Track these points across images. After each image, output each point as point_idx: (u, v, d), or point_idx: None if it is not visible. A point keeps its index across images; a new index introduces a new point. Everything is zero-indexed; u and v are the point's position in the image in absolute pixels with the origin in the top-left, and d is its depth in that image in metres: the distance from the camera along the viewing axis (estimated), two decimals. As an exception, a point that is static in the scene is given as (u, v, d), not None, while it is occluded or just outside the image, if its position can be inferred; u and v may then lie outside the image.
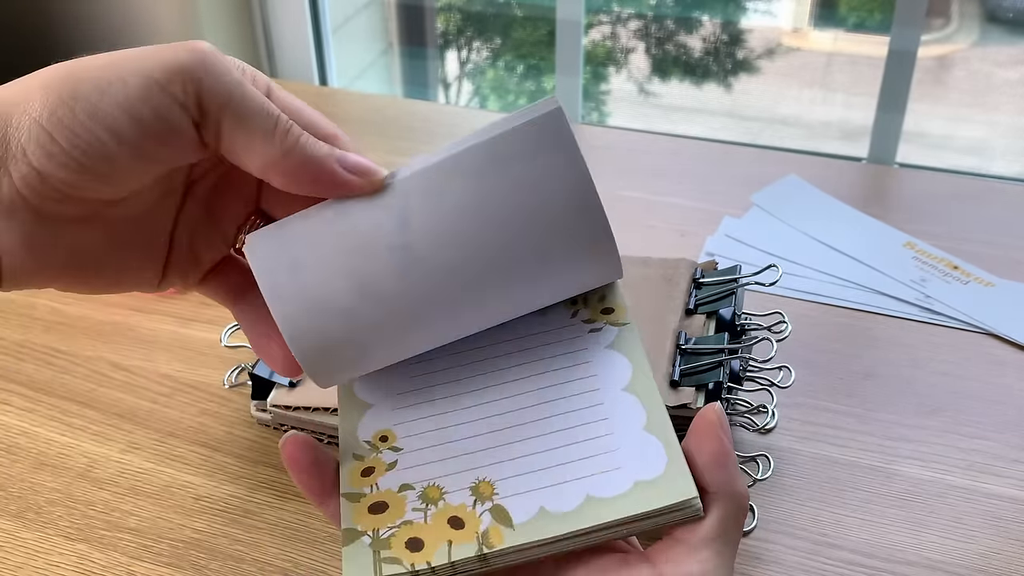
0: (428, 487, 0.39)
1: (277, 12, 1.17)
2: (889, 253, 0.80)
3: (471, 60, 1.57)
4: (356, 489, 0.40)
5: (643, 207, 0.87)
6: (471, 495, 0.39)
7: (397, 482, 0.40)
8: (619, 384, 0.41)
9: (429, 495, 0.39)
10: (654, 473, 0.38)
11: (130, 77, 0.36)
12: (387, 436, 0.42)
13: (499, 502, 0.38)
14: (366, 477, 0.40)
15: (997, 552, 0.57)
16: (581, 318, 0.44)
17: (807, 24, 1.44)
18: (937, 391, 0.67)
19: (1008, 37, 1.34)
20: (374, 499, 0.39)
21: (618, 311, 0.44)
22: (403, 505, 0.39)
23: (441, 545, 0.37)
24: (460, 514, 0.38)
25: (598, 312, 0.44)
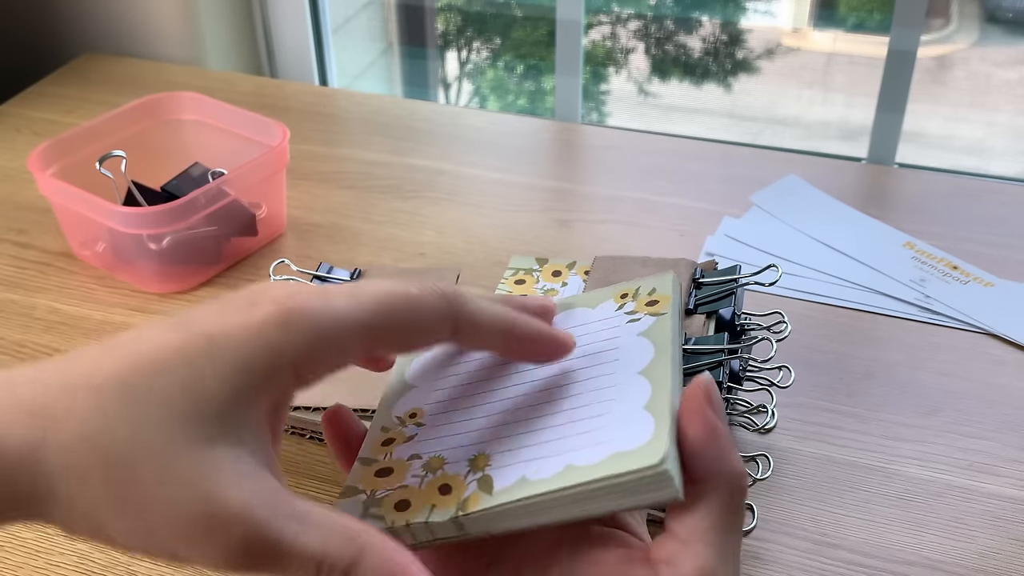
0: (433, 457, 0.40)
1: (277, 12, 1.17)
2: (889, 253, 0.80)
3: (471, 60, 1.57)
4: (372, 456, 0.41)
5: (643, 207, 0.87)
6: (467, 466, 0.40)
7: (409, 452, 0.41)
8: (636, 367, 0.41)
9: (432, 464, 0.40)
10: (635, 445, 0.37)
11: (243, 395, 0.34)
12: (416, 413, 0.43)
13: (488, 472, 0.39)
14: (385, 447, 0.42)
15: (996, 552, 0.57)
16: (626, 310, 0.45)
17: (807, 24, 1.44)
18: (937, 391, 0.67)
19: (1008, 37, 1.34)
20: (384, 464, 0.41)
21: (661, 303, 0.45)
22: (405, 471, 0.40)
23: (424, 507, 0.38)
24: (452, 483, 0.39)
25: (643, 304, 0.45)
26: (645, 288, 0.46)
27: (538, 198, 0.88)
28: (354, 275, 0.67)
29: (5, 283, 0.80)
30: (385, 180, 0.91)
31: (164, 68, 1.11)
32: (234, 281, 0.79)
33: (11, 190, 0.91)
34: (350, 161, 0.94)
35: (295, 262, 0.71)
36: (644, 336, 0.43)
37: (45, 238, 0.85)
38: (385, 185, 0.90)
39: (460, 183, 0.91)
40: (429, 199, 0.88)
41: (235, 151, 0.84)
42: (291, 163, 0.83)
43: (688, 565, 0.35)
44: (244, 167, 0.78)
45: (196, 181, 0.78)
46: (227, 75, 1.11)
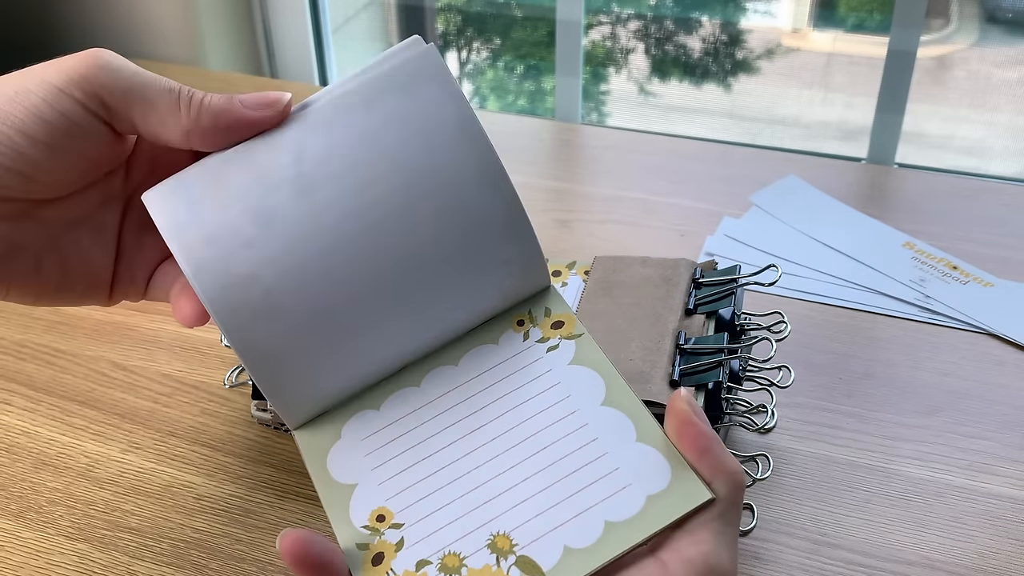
0: (445, 556, 0.38)
1: (277, 12, 1.17)
2: (888, 253, 0.80)
3: (471, 60, 1.57)
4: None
5: (643, 207, 0.87)
6: (491, 552, 0.38)
7: (412, 560, 0.38)
8: (596, 400, 0.41)
9: (449, 564, 0.38)
10: (662, 484, 0.38)
11: (33, 86, 0.41)
12: (383, 515, 0.40)
13: (522, 553, 0.37)
14: (378, 566, 0.38)
15: (996, 551, 0.57)
16: (534, 339, 0.43)
17: (807, 25, 1.44)
18: (936, 391, 0.67)
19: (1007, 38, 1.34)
20: None
21: (568, 323, 0.43)
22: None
23: None
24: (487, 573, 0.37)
25: (548, 328, 0.44)
26: (538, 310, 0.44)
27: (538, 198, 0.88)
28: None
29: (5, 283, 0.80)
30: (385, 180, 0.91)
31: (164, 68, 1.11)
32: (234, 281, 0.79)
33: (11, 190, 0.91)
34: (350, 161, 0.94)
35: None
36: (579, 364, 0.42)
37: (45, 238, 0.85)
38: (385, 185, 0.90)
39: (460, 183, 0.90)
40: (429, 199, 0.88)
41: (235, 151, 0.84)
42: (291, 163, 0.83)
43: (694, 551, 0.37)
44: (244, 167, 0.78)
45: (196, 181, 0.78)
46: (227, 75, 1.11)
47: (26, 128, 0.41)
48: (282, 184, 0.40)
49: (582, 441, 0.40)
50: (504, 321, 0.44)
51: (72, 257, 0.46)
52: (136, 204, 0.47)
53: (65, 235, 0.45)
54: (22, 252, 0.44)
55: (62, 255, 0.45)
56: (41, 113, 0.41)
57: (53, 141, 0.41)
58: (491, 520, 0.39)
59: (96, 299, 0.47)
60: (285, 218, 0.40)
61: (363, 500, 0.40)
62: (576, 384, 0.42)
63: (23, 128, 0.41)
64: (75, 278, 0.46)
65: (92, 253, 0.46)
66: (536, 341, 0.43)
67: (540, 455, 0.40)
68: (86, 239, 0.46)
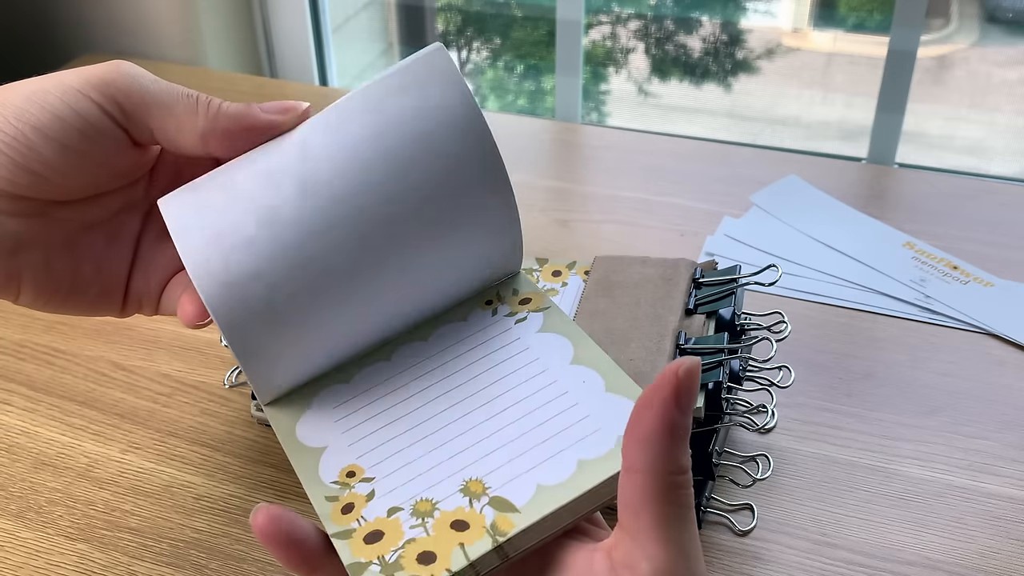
0: (417, 502, 0.38)
1: (277, 12, 1.17)
2: (889, 253, 0.80)
3: (471, 60, 1.57)
4: (344, 527, 0.38)
5: (642, 207, 0.87)
6: (464, 496, 0.38)
7: (383, 507, 0.38)
8: (565, 360, 0.42)
9: (421, 509, 0.38)
10: None
11: (51, 86, 0.41)
12: (354, 472, 0.40)
13: (495, 494, 0.38)
14: (347, 514, 0.39)
15: (996, 552, 0.57)
16: (503, 313, 0.44)
17: (807, 24, 1.44)
18: (937, 391, 0.67)
19: (1008, 37, 1.34)
20: (366, 530, 0.38)
21: (535, 299, 0.44)
22: (399, 527, 0.38)
23: (454, 549, 0.36)
24: (460, 516, 0.37)
25: (516, 304, 0.44)
26: (506, 290, 0.45)
27: (538, 198, 0.88)
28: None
29: (5, 283, 0.80)
30: (385, 180, 0.91)
31: (164, 68, 1.11)
32: (234, 281, 0.79)
33: (11, 190, 0.91)
34: (350, 161, 0.94)
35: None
36: (547, 332, 0.43)
37: (45, 238, 0.85)
38: (385, 185, 0.90)
39: (460, 183, 0.90)
40: (429, 199, 0.88)
41: (235, 151, 0.84)
42: (291, 163, 0.83)
43: (645, 567, 0.34)
44: (244, 167, 0.78)
45: (196, 181, 0.78)
46: (227, 75, 1.11)
47: (41, 125, 0.41)
48: (285, 182, 0.40)
49: (552, 395, 0.41)
50: (472, 301, 0.45)
51: (86, 260, 0.45)
52: (156, 214, 0.47)
53: (81, 237, 0.45)
54: (34, 249, 0.44)
55: (76, 256, 0.45)
56: (56, 111, 0.41)
57: (68, 141, 0.41)
58: (463, 468, 0.39)
59: (109, 307, 0.47)
60: (287, 216, 0.40)
61: (333, 460, 0.41)
62: (544, 348, 0.43)
63: (38, 125, 0.41)
64: (88, 282, 0.46)
65: (107, 258, 0.46)
66: (504, 315, 0.44)
67: (511, 409, 0.41)
68: (102, 243, 0.46)
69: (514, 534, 0.36)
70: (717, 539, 0.58)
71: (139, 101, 0.42)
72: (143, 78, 0.42)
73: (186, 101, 0.42)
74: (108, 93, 0.42)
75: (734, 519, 0.58)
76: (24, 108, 0.41)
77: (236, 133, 0.42)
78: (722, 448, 0.61)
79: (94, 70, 0.42)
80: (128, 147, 0.43)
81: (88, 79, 0.41)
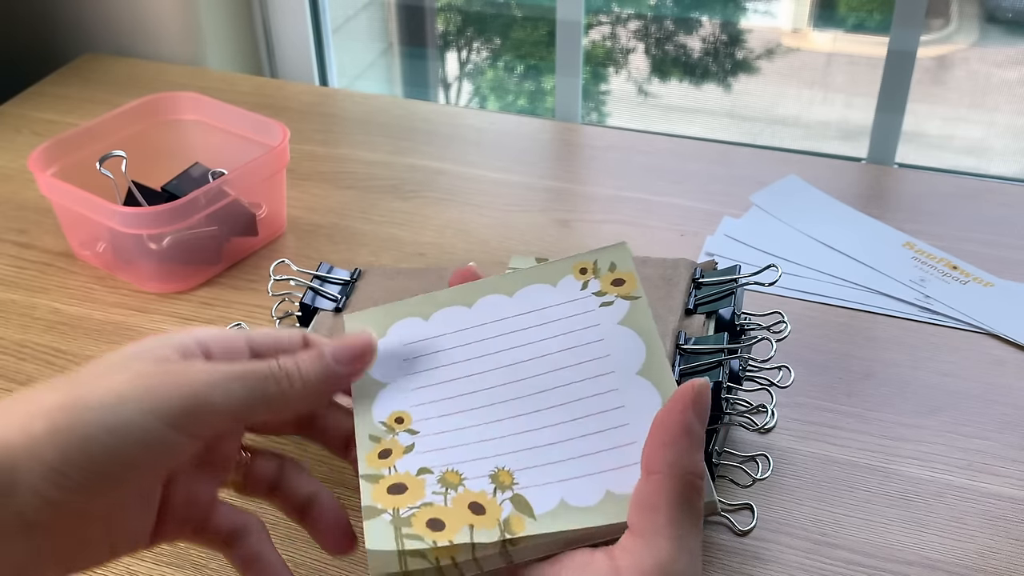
0: (447, 472, 0.39)
1: (277, 12, 1.17)
2: (888, 253, 0.80)
3: (471, 60, 1.57)
4: (375, 471, 0.40)
5: (643, 207, 0.87)
6: (491, 483, 0.39)
7: (415, 465, 0.40)
8: (633, 367, 0.41)
9: (448, 480, 0.39)
10: None
11: (136, 417, 0.37)
12: (403, 418, 0.41)
13: (519, 492, 0.38)
14: (384, 459, 0.40)
15: (996, 551, 0.57)
16: (592, 290, 0.44)
17: (806, 25, 1.44)
18: (936, 391, 0.67)
19: (1007, 37, 1.34)
20: (393, 480, 0.39)
21: (629, 282, 0.44)
22: (422, 487, 0.39)
23: (463, 527, 0.37)
24: (481, 500, 0.38)
25: (608, 284, 0.44)
26: (604, 262, 0.44)
27: (538, 198, 0.88)
28: (354, 275, 0.67)
29: (5, 283, 0.80)
30: (385, 180, 0.91)
31: (164, 68, 1.11)
32: (234, 281, 0.79)
33: (11, 190, 0.91)
34: (350, 161, 0.94)
35: (295, 262, 0.71)
36: (626, 326, 0.42)
37: (45, 238, 0.85)
38: (385, 185, 0.90)
39: (460, 183, 0.91)
40: (429, 199, 0.88)
41: (235, 151, 0.84)
42: (291, 163, 0.83)
43: (649, 560, 0.35)
44: (244, 167, 0.78)
45: (196, 181, 0.79)
46: (227, 75, 1.11)
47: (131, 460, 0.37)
48: None
49: (608, 405, 0.40)
50: (567, 263, 0.45)
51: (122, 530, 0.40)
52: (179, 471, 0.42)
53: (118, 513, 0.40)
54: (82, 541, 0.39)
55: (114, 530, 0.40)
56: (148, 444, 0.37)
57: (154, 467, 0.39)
58: (500, 455, 0.39)
59: (136, 549, 0.42)
60: None
61: (389, 399, 0.42)
62: (619, 346, 0.42)
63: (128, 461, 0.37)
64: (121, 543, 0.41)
65: (141, 518, 0.41)
66: (593, 293, 0.43)
67: (564, 408, 0.40)
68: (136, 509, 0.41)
69: (522, 536, 0.37)
70: (717, 539, 0.58)
71: (224, 419, 0.39)
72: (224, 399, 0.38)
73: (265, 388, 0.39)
74: (196, 428, 0.38)
75: (734, 519, 0.58)
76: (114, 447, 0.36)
77: (325, 396, 0.41)
78: (722, 448, 0.61)
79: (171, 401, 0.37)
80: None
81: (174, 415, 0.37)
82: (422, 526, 0.38)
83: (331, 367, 0.40)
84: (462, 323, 0.43)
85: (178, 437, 0.37)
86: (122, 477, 0.37)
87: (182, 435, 0.37)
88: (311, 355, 0.40)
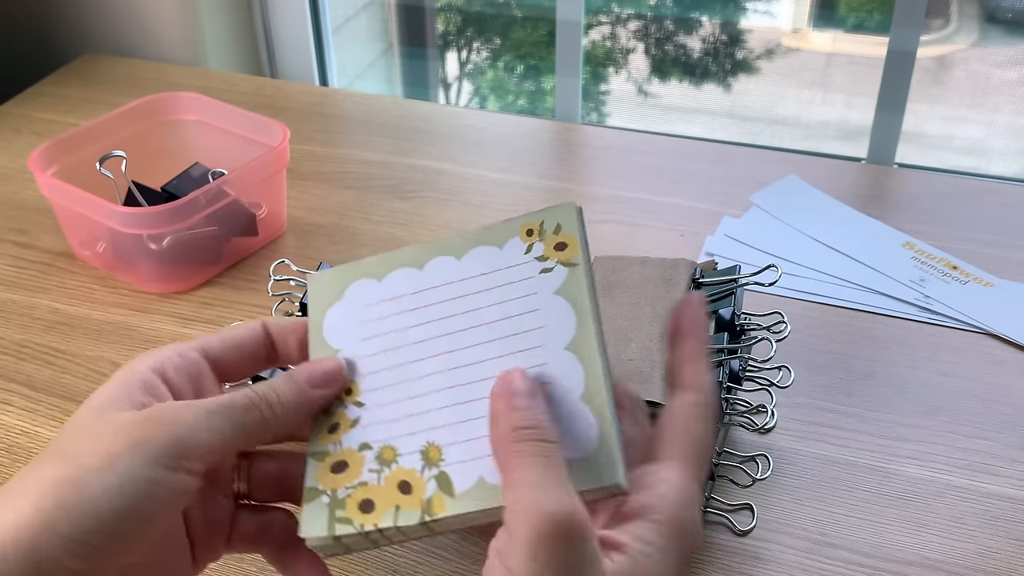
0: (384, 448, 0.41)
1: (277, 12, 1.17)
2: (888, 253, 0.80)
3: (471, 60, 1.58)
4: (323, 448, 0.42)
5: (642, 207, 0.87)
6: (421, 459, 0.40)
7: (359, 440, 0.42)
8: (562, 341, 0.41)
9: (384, 456, 0.41)
10: (584, 452, 0.38)
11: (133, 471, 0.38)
12: (351, 389, 0.43)
13: (444, 468, 0.40)
14: (332, 434, 0.42)
15: (996, 551, 0.57)
16: (534, 254, 0.44)
17: (806, 25, 1.44)
18: (936, 391, 0.67)
19: (1007, 38, 1.34)
20: (337, 458, 0.41)
21: (570, 247, 0.44)
22: (361, 465, 0.41)
23: (389, 509, 0.39)
24: (410, 479, 0.40)
25: (552, 248, 0.44)
26: (550, 223, 0.45)
27: (538, 198, 0.88)
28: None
29: (5, 283, 0.80)
30: (385, 180, 0.91)
31: (164, 68, 1.11)
32: (234, 281, 0.79)
33: (11, 190, 0.91)
34: (350, 161, 0.94)
35: (295, 262, 0.71)
36: (561, 296, 0.43)
37: (45, 238, 0.85)
38: (385, 185, 0.91)
39: (460, 183, 0.91)
40: (429, 199, 0.88)
41: (235, 151, 0.84)
42: (291, 163, 0.83)
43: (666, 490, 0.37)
44: (244, 167, 0.78)
45: (196, 181, 0.79)
46: (227, 75, 1.11)
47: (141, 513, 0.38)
48: None
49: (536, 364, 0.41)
50: (515, 226, 0.45)
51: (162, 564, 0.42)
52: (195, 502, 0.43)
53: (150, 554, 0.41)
54: None
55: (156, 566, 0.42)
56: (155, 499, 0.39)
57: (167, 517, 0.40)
58: (433, 428, 0.41)
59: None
60: None
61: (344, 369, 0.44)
62: (552, 317, 0.42)
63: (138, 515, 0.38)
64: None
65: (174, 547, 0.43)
66: (535, 257, 0.44)
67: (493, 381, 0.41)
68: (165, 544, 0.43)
69: (441, 518, 0.39)
70: (717, 539, 0.58)
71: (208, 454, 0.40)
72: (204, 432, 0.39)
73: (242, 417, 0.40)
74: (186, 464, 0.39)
75: (734, 519, 0.58)
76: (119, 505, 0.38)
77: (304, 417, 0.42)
78: (722, 448, 0.61)
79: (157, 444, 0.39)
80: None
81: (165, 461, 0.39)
82: (354, 509, 0.40)
83: (306, 392, 0.42)
84: (413, 286, 0.45)
85: (176, 478, 0.39)
86: (138, 531, 0.38)
87: (179, 475, 0.39)
88: (286, 382, 0.42)
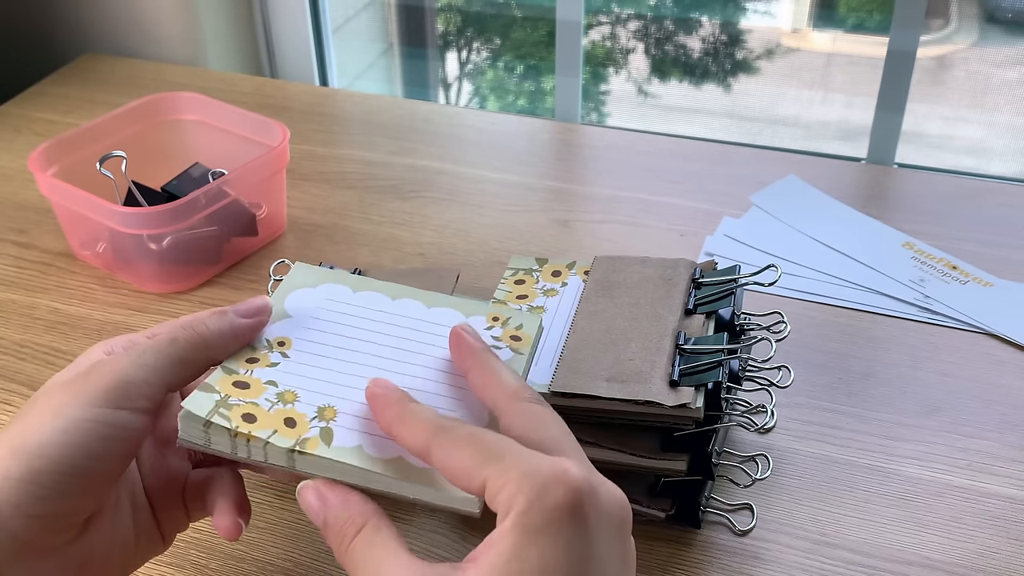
0: (288, 391, 0.45)
1: (277, 12, 1.17)
2: (888, 253, 0.80)
3: (471, 60, 1.57)
4: (234, 367, 0.46)
5: (642, 207, 0.87)
6: (315, 412, 0.44)
7: (268, 376, 0.46)
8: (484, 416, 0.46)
9: (285, 397, 0.45)
10: None
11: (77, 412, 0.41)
12: (284, 342, 0.48)
13: (331, 425, 0.44)
14: (249, 363, 0.46)
15: (996, 551, 0.57)
16: (492, 334, 0.50)
17: (806, 25, 1.44)
18: (936, 391, 0.67)
19: (1007, 38, 1.34)
20: (242, 379, 0.46)
21: (524, 342, 0.50)
22: (260, 393, 0.45)
23: (267, 429, 0.43)
24: (297, 419, 0.44)
25: (507, 336, 0.50)
26: (515, 321, 0.51)
27: (538, 198, 0.88)
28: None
29: (5, 283, 0.80)
30: (385, 180, 0.91)
31: (164, 68, 1.11)
32: (234, 281, 0.79)
33: (11, 190, 0.91)
34: (350, 161, 0.94)
35: (295, 262, 0.71)
36: None
37: (45, 238, 0.85)
38: (385, 185, 0.91)
39: (460, 183, 0.91)
40: (429, 199, 0.88)
41: (235, 151, 0.84)
42: (291, 163, 0.83)
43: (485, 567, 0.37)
44: (244, 167, 0.78)
45: (196, 181, 0.79)
46: (227, 75, 1.11)
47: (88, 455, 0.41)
48: None
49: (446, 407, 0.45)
50: (484, 309, 0.52)
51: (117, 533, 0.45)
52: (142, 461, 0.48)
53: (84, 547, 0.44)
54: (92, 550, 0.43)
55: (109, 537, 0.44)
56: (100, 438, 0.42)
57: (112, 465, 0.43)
58: (337, 397, 0.45)
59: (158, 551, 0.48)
60: None
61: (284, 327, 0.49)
62: None
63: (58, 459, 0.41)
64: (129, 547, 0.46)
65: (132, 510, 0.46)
66: (491, 336, 0.50)
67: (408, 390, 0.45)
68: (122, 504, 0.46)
69: (310, 453, 0.42)
70: (717, 539, 0.58)
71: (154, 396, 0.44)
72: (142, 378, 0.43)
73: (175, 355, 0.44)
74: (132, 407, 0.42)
75: (734, 519, 0.58)
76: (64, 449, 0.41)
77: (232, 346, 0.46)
78: (722, 448, 0.61)
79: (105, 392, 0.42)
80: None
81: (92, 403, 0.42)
82: (238, 415, 0.44)
83: (233, 320, 0.46)
84: (379, 307, 0.51)
85: (118, 415, 0.42)
86: (89, 470, 0.41)
87: (121, 412, 0.42)
88: (214, 312, 0.46)
